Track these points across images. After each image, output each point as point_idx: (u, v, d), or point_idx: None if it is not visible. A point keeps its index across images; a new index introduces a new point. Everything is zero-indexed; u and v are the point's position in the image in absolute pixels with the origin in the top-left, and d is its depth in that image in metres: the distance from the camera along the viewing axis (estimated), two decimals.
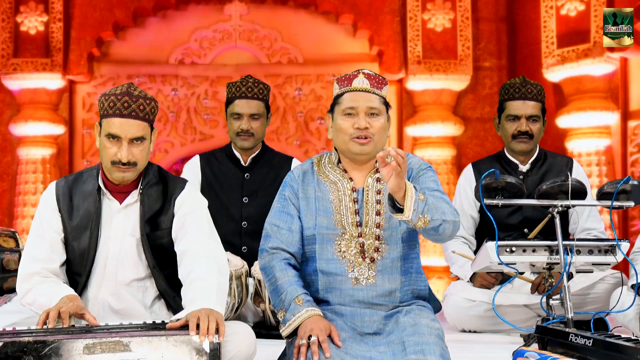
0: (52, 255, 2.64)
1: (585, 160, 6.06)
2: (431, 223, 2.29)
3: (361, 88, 2.48)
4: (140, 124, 2.57)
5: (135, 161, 2.57)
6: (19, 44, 6.79)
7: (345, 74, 2.53)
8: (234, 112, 3.80)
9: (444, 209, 2.32)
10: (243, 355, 2.38)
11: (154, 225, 2.66)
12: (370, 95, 2.47)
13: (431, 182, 2.48)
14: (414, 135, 6.87)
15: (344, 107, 2.48)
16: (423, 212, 2.26)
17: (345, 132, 2.46)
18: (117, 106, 2.54)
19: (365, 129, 2.44)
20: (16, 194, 6.78)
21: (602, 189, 3.03)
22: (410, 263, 2.50)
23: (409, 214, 2.23)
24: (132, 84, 2.63)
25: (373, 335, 2.38)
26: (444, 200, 2.38)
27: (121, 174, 2.59)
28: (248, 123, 3.78)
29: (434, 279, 6.62)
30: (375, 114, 2.47)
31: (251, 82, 3.83)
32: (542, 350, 2.59)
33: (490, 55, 6.96)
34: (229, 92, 3.85)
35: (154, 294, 2.70)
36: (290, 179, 2.57)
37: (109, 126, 2.55)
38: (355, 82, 2.49)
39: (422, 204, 2.25)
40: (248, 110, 3.78)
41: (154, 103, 2.62)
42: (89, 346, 2.09)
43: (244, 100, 3.79)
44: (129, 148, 2.55)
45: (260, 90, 3.83)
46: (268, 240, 2.52)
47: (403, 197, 2.23)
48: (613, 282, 3.45)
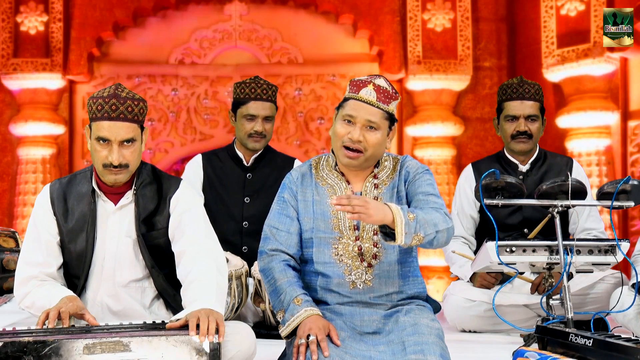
0: (49, 259, 2.62)
1: (585, 160, 6.06)
2: (425, 238, 2.28)
3: (366, 99, 2.43)
4: (130, 125, 2.54)
5: (126, 163, 2.56)
6: (19, 44, 6.79)
7: (359, 79, 2.48)
8: (248, 113, 3.77)
9: (435, 220, 2.30)
10: (243, 355, 2.37)
11: (149, 225, 2.64)
12: (372, 108, 2.43)
13: (427, 185, 2.47)
14: (414, 135, 6.87)
15: (344, 113, 2.45)
16: (416, 230, 2.24)
17: (339, 138, 2.45)
18: (105, 109, 2.52)
19: (358, 141, 2.42)
20: (16, 194, 6.78)
21: (602, 189, 3.02)
22: (408, 267, 2.50)
23: (402, 239, 2.22)
24: (119, 84, 2.61)
25: (372, 335, 2.38)
26: (435, 208, 2.36)
27: (113, 176, 2.57)
28: (262, 125, 3.77)
29: (434, 279, 6.62)
30: (374, 127, 2.43)
31: (265, 84, 3.81)
32: (542, 350, 2.59)
33: (490, 55, 6.97)
34: (240, 93, 3.81)
35: (152, 294, 2.69)
36: (289, 181, 2.57)
37: (98, 129, 2.53)
38: (362, 91, 2.44)
39: (414, 224, 2.23)
40: (263, 113, 3.78)
41: (142, 103, 2.59)
42: (89, 346, 2.09)
43: (260, 103, 3.78)
44: (119, 150, 2.53)
45: (273, 93, 3.83)
46: (267, 242, 2.51)
47: (392, 221, 2.21)
48: (613, 282, 3.44)
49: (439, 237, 2.32)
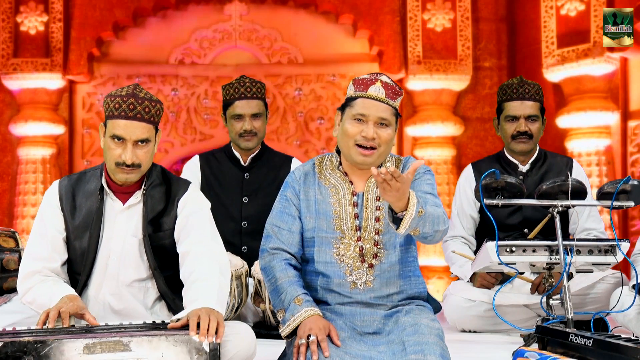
0: (54, 255, 2.63)
1: (585, 160, 6.06)
2: (421, 234, 2.30)
3: (376, 97, 2.44)
4: (146, 126, 2.57)
5: (139, 163, 2.57)
6: (19, 44, 6.79)
7: (364, 77, 2.49)
8: (235, 113, 3.79)
9: (438, 219, 2.32)
10: (243, 355, 2.37)
11: (156, 226, 2.65)
12: (382, 105, 2.43)
13: (426, 185, 2.48)
14: (414, 135, 6.87)
15: (354, 112, 2.44)
16: (417, 226, 2.25)
17: (351, 137, 2.44)
18: (122, 108, 2.54)
19: (372, 139, 2.42)
20: (16, 194, 6.78)
21: (602, 189, 3.02)
22: (408, 267, 2.50)
23: (403, 231, 2.24)
24: (137, 85, 2.63)
25: (373, 335, 2.38)
26: (437, 206, 2.37)
27: (125, 175, 2.59)
28: (250, 123, 3.77)
29: (434, 279, 6.61)
30: (385, 124, 2.44)
31: (248, 81, 3.82)
32: (542, 350, 2.59)
33: (490, 55, 6.97)
34: (226, 94, 3.83)
35: (155, 295, 2.70)
36: (292, 180, 2.57)
37: (114, 127, 2.55)
38: (371, 89, 2.45)
39: (418, 220, 2.23)
40: (249, 111, 3.78)
41: (159, 105, 2.62)
42: (89, 346, 2.09)
43: (244, 101, 3.78)
44: (133, 150, 2.55)
45: (258, 89, 3.82)
46: (269, 240, 2.52)
47: (404, 207, 2.22)
48: (613, 282, 3.44)
49: (436, 237, 2.36)
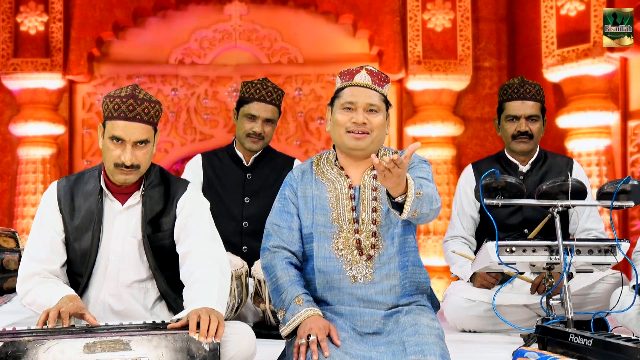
0: (53, 256, 2.63)
1: (585, 160, 6.06)
2: (419, 215, 2.31)
3: (362, 84, 2.48)
4: (145, 127, 2.56)
5: (138, 164, 2.57)
6: (19, 44, 6.79)
7: (349, 69, 2.54)
8: (249, 113, 3.78)
9: (432, 198, 2.33)
10: (243, 355, 2.37)
11: (155, 226, 2.65)
12: (370, 91, 2.48)
13: (421, 171, 2.49)
14: (414, 135, 6.87)
15: (343, 101, 2.49)
16: (417, 207, 2.27)
17: (342, 126, 2.47)
18: (121, 109, 2.54)
19: (362, 124, 2.45)
20: (16, 194, 6.78)
21: (602, 189, 3.02)
22: (407, 257, 2.50)
23: (405, 215, 2.25)
24: (136, 86, 2.63)
25: (373, 335, 2.38)
26: (428, 186, 2.37)
27: (124, 176, 2.59)
28: (261, 127, 3.77)
29: (434, 279, 6.60)
30: (374, 110, 2.48)
31: (270, 86, 3.81)
32: (542, 350, 2.59)
33: (490, 55, 6.96)
34: (245, 92, 3.81)
35: (155, 296, 2.70)
36: (290, 179, 2.59)
37: (113, 128, 2.55)
38: (357, 77, 2.50)
39: (417, 202, 2.25)
40: (264, 114, 3.78)
41: (158, 106, 2.62)
42: (89, 345, 2.09)
43: (262, 104, 3.78)
44: (132, 151, 2.55)
45: (278, 97, 3.83)
46: (269, 239, 2.53)
47: (402, 192, 2.23)
48: (613, 282, 3.45)
49: (431, 216, 2.37)
